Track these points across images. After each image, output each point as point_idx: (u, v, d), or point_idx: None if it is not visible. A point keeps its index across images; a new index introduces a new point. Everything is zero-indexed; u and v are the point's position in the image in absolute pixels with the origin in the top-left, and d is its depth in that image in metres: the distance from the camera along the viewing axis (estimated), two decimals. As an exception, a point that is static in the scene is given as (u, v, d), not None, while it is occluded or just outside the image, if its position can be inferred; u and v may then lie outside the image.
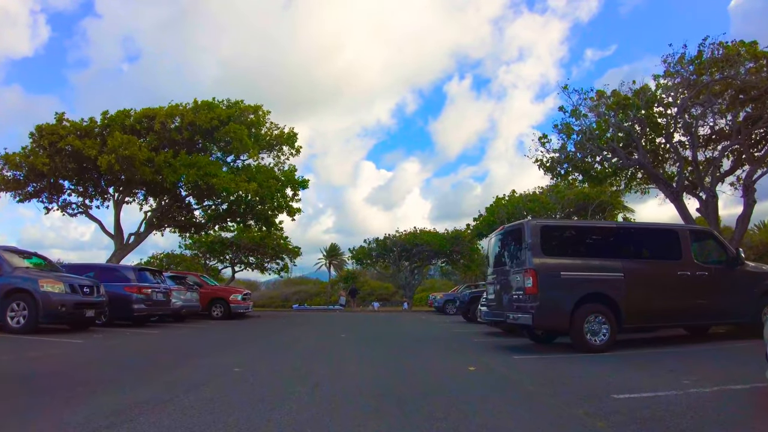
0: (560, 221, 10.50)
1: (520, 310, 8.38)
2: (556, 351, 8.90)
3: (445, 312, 24.95)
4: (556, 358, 7.96)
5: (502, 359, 7.78)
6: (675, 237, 9.38)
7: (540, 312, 8.11)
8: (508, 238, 9.49)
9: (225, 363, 7.11)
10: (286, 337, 12.31)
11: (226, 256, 38.21)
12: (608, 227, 9.29)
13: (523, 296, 8.32)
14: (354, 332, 13.64)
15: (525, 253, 8.46)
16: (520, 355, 8.20)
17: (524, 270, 8.36)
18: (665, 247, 9.46)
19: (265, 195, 21.49)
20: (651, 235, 9.62)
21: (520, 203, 25.79)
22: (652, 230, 9.66)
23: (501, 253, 9.82)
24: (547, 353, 8.58)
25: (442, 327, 15.84)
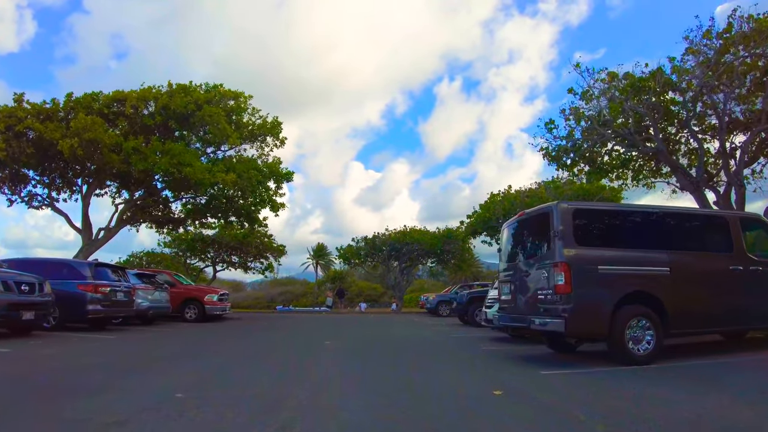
0: (596, 204, 8.87)
1: (549, 313, 6.66)
2: (587, 363, 7.21)
3: (438, 314, 23.24)
4: (593, 374, 6.26)
5: (528, 376, 6.05)
6: (724, 225, 7.79)
7: (575, 316, 6.41)
8: (529, 227, 7.78)
9: (169, 383, 5.30)
10: (261, 344, 10.47)
11: (207, 255, 36.10)
12: (652, 212, 7.64)
13: (552, 296, 6.61)
14: (341, 338, 11.85)
15: (553, 243, 6.75)
16: (547, 370, 6.48)
17: (553, 264, 6.66)
18: (714, 237, 7.86)
19: (245, 187, 19.56)
20: (698, 223, 8.00)
21: (517, 199, 24.19)
22: (700, 216, 8.08)
23: (519, 245, 8.11)
24: (579, 366, 6.88)
25: (440, 331, 14.10)
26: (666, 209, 7.79)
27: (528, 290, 7.33)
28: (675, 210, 8.07)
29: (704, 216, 8.10)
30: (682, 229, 7.68)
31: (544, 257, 6.94)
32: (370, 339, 11.40)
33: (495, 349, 9.31)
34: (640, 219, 7.49)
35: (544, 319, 6.66)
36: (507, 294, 8.02)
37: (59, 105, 19.23)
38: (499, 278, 8.51)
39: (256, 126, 23.37)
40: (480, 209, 27.16)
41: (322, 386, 5.25)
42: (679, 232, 7.63)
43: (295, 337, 12.07)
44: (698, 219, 8.04)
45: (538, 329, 6.79)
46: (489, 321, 10.86)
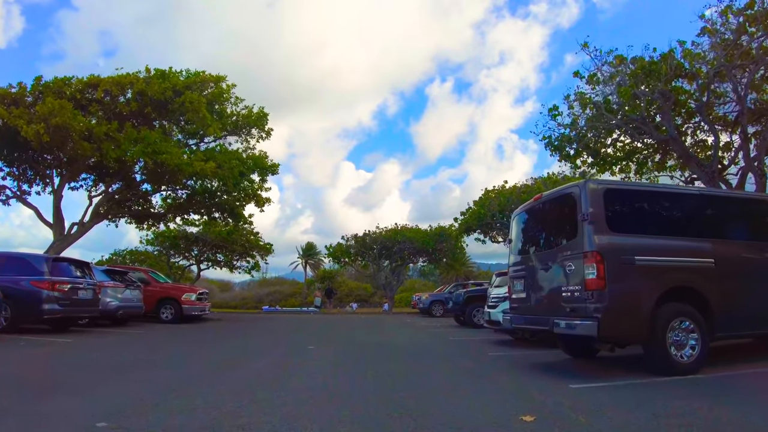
0: (630, 183, 7.67)
1: (577, 313, 5.46)
2: (618, 372, 6.03)
3: (431, 314, 22.02)
4: (635, 388, 5.06)
5: (557, 392, 4.82)
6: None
7: (609, 316, 5.23)
8: (548, 212, 6.58)
9: (99, 406, 4.01)
10: (235, 350, 9.15)
11: (192, 253, 34.55)
12: (693, 194, 6.52)
13: (582, 293, 5.41)
14: (327, 342, 10.58)
15: (582, 229, 5.55)
16: (577, 382, 5.27)
17: (582, 255, 5.46)
18: (760, 224, 6.72)
19: (226, 177, 18.13)
20: (743, 208, 6.84)
21: (512, 195, 23.06)
22: (744, 201, 6.90)
23: (535, 235, 6.92)
24: (611, 377, 5.67)
25: (437, 333, 12.88)
26: (711, 191, 6.65)
27: (548, 287, 6.13)
28: (721, 193, 6.92)
29: (750, 200, 6.95)
30: (728, 214, 6.52)
31: (570, 247, 5.73)
32: (360, 344, 10.12)
33: (503, 354, 8.09)
34: (680, 202, 6.32)
35: (571, 321, 5.44)
36: (520, 291, 6.81)
37: (26, 89, 17.72)
38: (510, 273, 7.30)
39: (241, 117, 22.00)
40: (474, 206, 25.99)
41: (298, 412, 3.98)
42: (725, 218, 6.47)
43: (277, 342, 10.76)
44: (743, 204, 6.90)
45: (564, 333, 5.57)
46: (493, 322, 9.66)
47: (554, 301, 5.87)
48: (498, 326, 9.40)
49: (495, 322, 9.46)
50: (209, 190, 22.09)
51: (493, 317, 9.51)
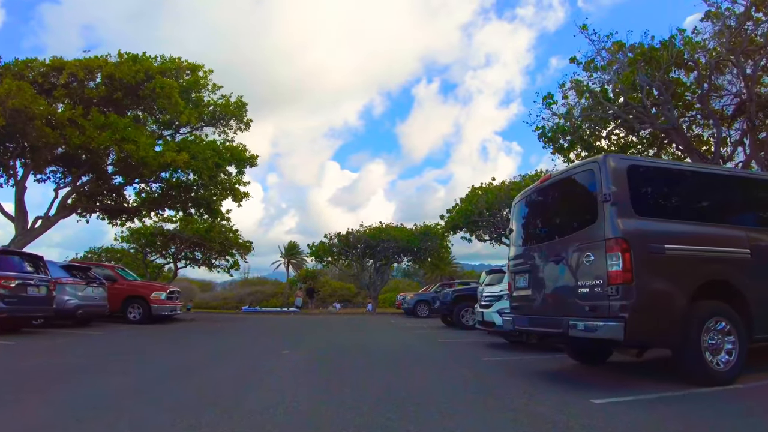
0: (655, 160, 6.73)
1: (598, 313, 4.52)
2: (643, 383, 5.11)
3: (416, 314, 21.06)
4: (668, 402, 4.15)
5: (579, 410, 3.87)
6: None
7: (638, 315, 4.33)
8: (559, 195, 5.63)
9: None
10: (199, 354, 8.05)
11: (169, 251, 33.08)
12: (728, 176, 5.65)
13: (604, 288, 4.48)
14: (304, 345, 9.53)
15: (603, 212, 4.63)
16: (598, 397, 4.32)
17: (603, 242, 4.54)
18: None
19: (200, 168, 16.90)
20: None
21: (501, 191, 22.25)
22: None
23: (542, 221, 5.97)
24: (636, 388, 4.75)
25: (423, 335, 11.90)
26: (749, 174, 5.76)
27: (559, 282, 5.18)
28: (754, 175, 6.05)
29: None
30: (759, 198, 5.66)
31: (587, 235, 4.80)
32: (341, 347, 9.08)
33: (500, 359, 7.14)
34: (713, 184, 5.43)
35: (592, 322, 4.50)
36: (523, 288, 5.86)
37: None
38: (510, 268, 6.35)
39: (219, 106, 20.77)
40: (461, 203, 25.11)
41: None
42: (756, 202, 5.61)
43: (249, 345, 9.67)
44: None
45: (582, 336, 4.61)
46: (487, 323, 8.72)
47: (568, 299, 4.92)
48: (493, 327, 8.47)
49: (489, 323, 8.53)
50: (185, 183, 20.87)
51: (487, 318, 8.57)
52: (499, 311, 8.25)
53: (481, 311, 8.87)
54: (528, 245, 5.95)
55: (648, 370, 5.82)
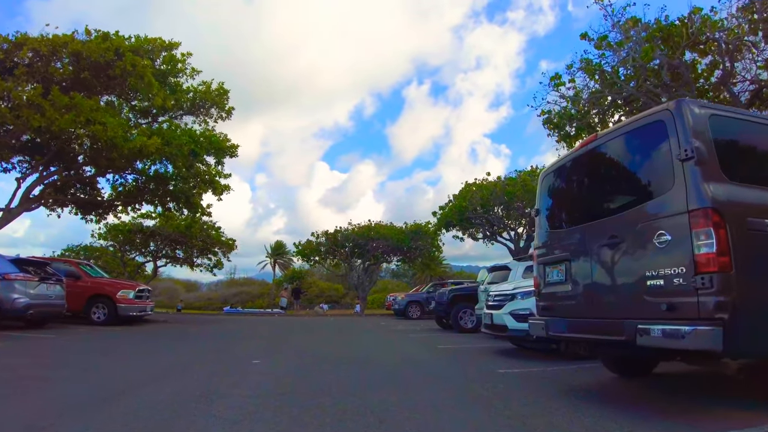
0: (741, 111, 5.38)
1: (681, 313, 3.18)
2: (747, 413, 3.79)
3: (407, 316, 19.71)
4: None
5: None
6: None
7: (744, 315, 3.00)
8: (616, 157, 4.21)
9: None
10: (155, 364, 6.59)
11: (149, 249, 31.35)
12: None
13: (691, 279, 3.14)
14: (283, 353, 8.12)
15: (684, 175, 3.31)
16: None
17: (687, 215, 3.22)
18: None
19: (174, 156, 15.34)
20: None
21: (497, 187, 21.05)
22: None
23: (587, 195, 4.58)
24: (731, 418, 3.43)
25: (420, 340, 10.54)
26: None
27: (617, 272, 3.82)
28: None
29: None
30: None
31: (660, 206, 3.48)
32: (325, 356, 7.66)
33: (519, 372, 5.78)
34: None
35: (674, 326, 3.16)
36: (558, 283, 4.52)
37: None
38: (538, 259, 5.01)
39: (199, 93, 19.26)
40: (454, 199, 23.82)
41: None
42: None
43: (217, 352, 8.21)
44: None
45: (659, 345, 3.27)
46: (496, 327, 7.37)
47: (631, 295, 3.59)
48: (504, 332, 7.13)
49: (500, 326, 7.19)
50: (161, 175, 19.32)
51: (497, 320, 7.23)
52: (512, 313, 6.94)
53: (489, 313, 7.53)
54: (565, 227, 4.62)
55: (706, 383, 4.53)
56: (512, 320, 6.92)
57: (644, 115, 3.87)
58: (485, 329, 7.78)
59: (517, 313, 6.88)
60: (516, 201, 21.22)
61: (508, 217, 22.64)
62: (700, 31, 11.44)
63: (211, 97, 19.36)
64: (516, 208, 22.40)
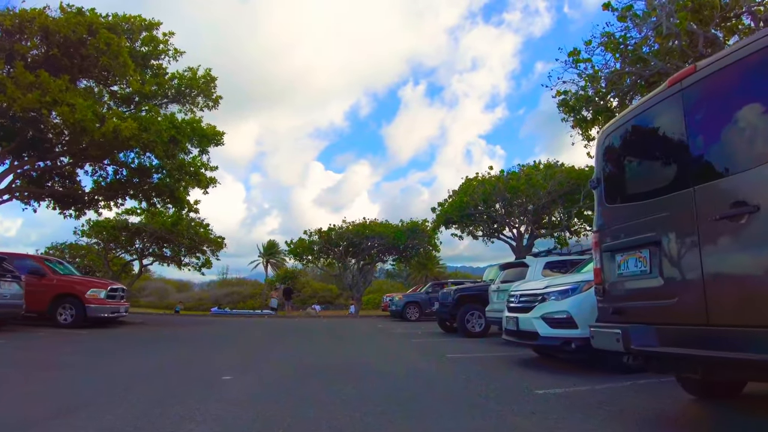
0: None
1: None
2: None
3: (405, 317, 18.31)
4: None
5: None
6: None
7: None
8: (735, 89, 2.81)
9: None
10: (83, 385, 5.11)
11: (135, 247, 29.76)
12: None
13: None
14: (260, 365, 6.72)
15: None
16: None
17: None
18: None
19: (152, 143, 13.84)
20: None
21: (500, 182, 19.73)
22: None
23: (685, 148, 3.12)
24: None
25: (424, 346, 9.15)
26: None
27: (747, 259, 2.48)
28: None
29: None
30: None
31: None
32: (314, 368, 6.23)
33: (562, 392, 4.41)
34: None
35: None
36: (641, 276, 3.16)
37: None
38: (600, 243, 3.66)
39: (184, 79, 17.82)
40: (454, 195, 22.46)
41: None
42: None
43: (183, 364, 6.76)
44: None
45: None
46: (523, 334, 6.01)
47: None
48: (535, 341, 5.78)
49: (528, 333, 5.83)
50: (144, 167, 17.87)
51: (525, 326, 5.87)
52: (545, 317, 5.57)
53: (513, 317, 6.17)
54: (647, 198, 3.26)
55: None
56: (545, 326, 5.57)
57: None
58: (508, 336, 6.42)
59: (550, 317, 5.53)
60: (518, 197, 19.91)
61: (510, 215, 21.34)
62: (731, 6, 10.23)
63: (197, 84, 17.94)
64: (518, 204, 21.14)
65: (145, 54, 16.28)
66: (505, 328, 6.60)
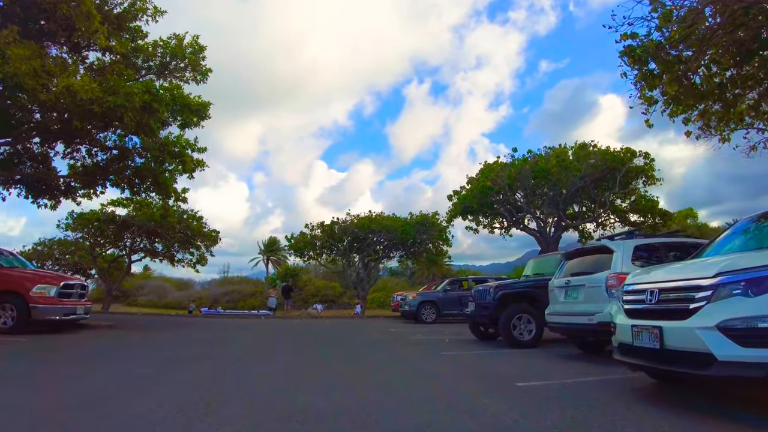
0: None
1: None
2: None
3: (419, 319, 15.68)
4: None
5: None
6: None
7: None
8: None
9: None
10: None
11: (124, 242, 27.20)
12: None
13: None
14: (223, 408, 4.10)
15: None
16: None
17: None
18: None
19: (120, 109, 11.19)
20: None
21: (527, 164, 17.08)
22: None
23: None
24: None
25: (467, 366, 6.49)
26: None
27: None
28: None
29: None
30: None
31: None
32: (305, 416, 3.64)
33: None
34: None
35: None
36: None
37: None
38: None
39: (168, 48, 15.25)
40: (471, 182, 19.76)
41: None
42: None
43: (111, 398, 4.16)
44: None
45: None
46: (676, 356, 3.38)
47: None
48: (704, 369, 3.16)
49: (688, 355, 3.24)
50: (123, 148, 15.36)
51: (681, 343, 3.26)
52: (727, 327, 2.99)
53: (654, 327, 3.54)
54: None
55: None
56: (727, 343, 2.99)
57: None
58: (635, 359, 3.80)
59: (741, 326, 2.95)
60: (547, 182, 17.18)
61: (533, 203, 18.69)
62: None
63: (182, 53, 15.38)
64: (540, 194, 18.53)
65: (119, 14, 13.70)
66: (620, 343, 4.00)
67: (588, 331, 6.18)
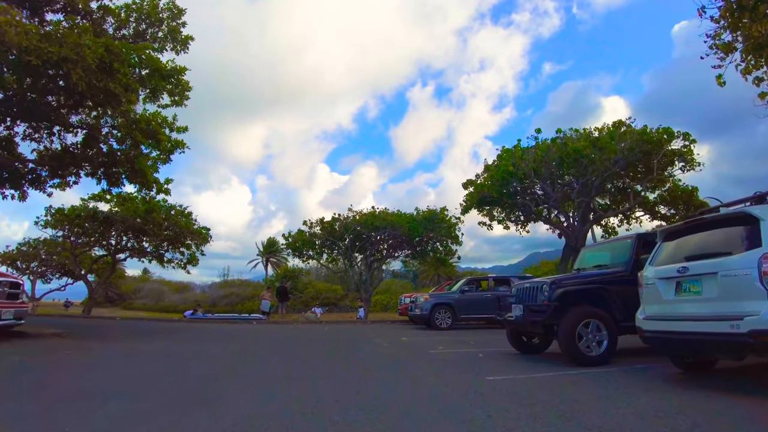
0: None
1: None
2: None
3: (433, 324, 13.33)
4: None
5: None
6: None
7: None
8: None
9: None
10: None
11: (109, 240, 24.92)
12: None
13: None
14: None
15: None
16: None
17: None
18: None
19: (67, 60, 8.87)
20: None
21: (555, 145, 14.79)
22: None
23: None
24: None
25: (522, 393, 4.18)
26: None
27: None
28: None
29: None
30: None
31: None
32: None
33: None
34: None
35: None
36: None
37: None
38: None
39: (143, 11, 13.05)
40: (487, 170, 17.42)
41: None
42: None
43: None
44: None
45: None
46: None
47: None
48: None
49: None
50: (91, 126, 13.15)
51: None
52: None
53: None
54: None
55: None
56: None
57: None
58: None
59: None
60: (577, 166, 14.80)
61: (565, 191, 16.34)
62: None
63: (156, 17, 13.18)
64: (562, 183, 16.25)
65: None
66: None
67: (729, 345, 3.86)
